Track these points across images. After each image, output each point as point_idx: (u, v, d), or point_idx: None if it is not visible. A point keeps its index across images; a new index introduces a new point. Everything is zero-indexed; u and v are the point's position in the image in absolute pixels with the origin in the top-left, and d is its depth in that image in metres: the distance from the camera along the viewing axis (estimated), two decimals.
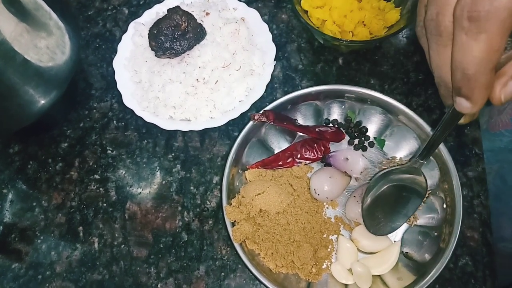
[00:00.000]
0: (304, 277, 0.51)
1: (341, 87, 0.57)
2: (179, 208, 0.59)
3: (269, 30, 0.64)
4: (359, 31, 0.62)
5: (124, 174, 0.61)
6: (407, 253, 0.53)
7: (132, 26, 0.66)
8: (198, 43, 0.61)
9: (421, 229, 0.54)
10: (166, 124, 0.59)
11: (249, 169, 0.57)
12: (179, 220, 0.58)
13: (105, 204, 0.60)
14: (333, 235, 0.54)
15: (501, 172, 0.67)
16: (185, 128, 0.59)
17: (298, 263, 0.50)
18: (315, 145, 0.58)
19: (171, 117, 0.61)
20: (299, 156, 0.57)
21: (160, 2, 0.68)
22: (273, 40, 0.64)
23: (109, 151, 0.63)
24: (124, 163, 0.62)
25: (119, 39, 0.66)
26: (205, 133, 0.63)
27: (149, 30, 0.61)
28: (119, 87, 0.62)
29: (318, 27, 0.63)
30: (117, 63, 0.64)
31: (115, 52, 0.65)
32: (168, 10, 0.61)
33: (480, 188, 0.57)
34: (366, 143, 0.59)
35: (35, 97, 0.52)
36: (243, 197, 0.53)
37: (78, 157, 0.63)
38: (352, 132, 0.59)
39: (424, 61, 0.38)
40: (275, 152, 0.59)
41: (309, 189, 0.55)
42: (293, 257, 0.51)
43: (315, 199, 0.55)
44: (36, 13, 0.51)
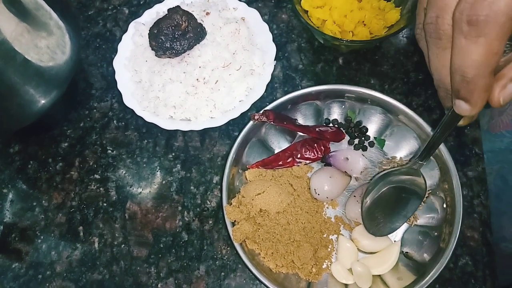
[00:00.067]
0: (304, 277, 0.51)
1: (341, 87, 0.57)
2: (179, 208, 0.59)
3: (269, 30, 0.64)
4: (359, 31, 0.62)
5: (124, 174, 0.62)
6: (407, 253, 0.53)
7: (132, 26, 0.66)
8: (198, 43, 0.62)
9: (421, 229, 0.54)
10: (166, 124, 0.59)
11: (249, 169, 0.57)
12: (179, 220, 0.58)
13: (105, 204, 0.60)
14: (333, 235, 0.54)
15: (502, 173, 0.67)
16: (185, 128, 0.59)
17: (298, 263, 0.50)
18: (315, 145, 0.58)
19: (171, 117, 0.61)
20: (299, 156, 0.57)
21: (161, 2, 0.68)
22: (273, 40, 0.64)
23: (109, 151, 0.63)
24: (124, 162, 0.62)
25: (120, 39, 0.66)
26: (205, 133, 0.63)
27: (149, 30, 0.61)
28: (120, 87, 0.62)
29: (318, 27, 0.63)
30: (117, 63, 0.64)
31: (116, 52, 0.65)
32: (169, 10, 0.61)
33: (480, 188, 0.57)
34: (366, 143, 0.59)
35: (35, 97, 0.52)
36: (243, 196, 0.53)
37: (78, 157, 0.63)
38: (352, 132, 0.59)
39: (424, 61, 0.38)
40: (275, 152, 0.59)
41: (309, 189, 0.55)
42: (293, 257, 0.51)
43: (315, 199, 0.55)
44: (37, 13, 0.51)
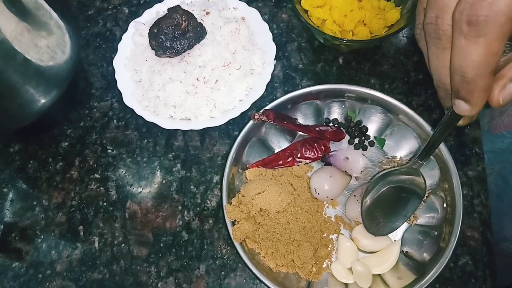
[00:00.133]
0: (304, 276, 0.51)
1: (341, 86, 0.57)
2: (180, 207, 0.59)
3: (269, 30, 0.64)
4: (359, 30, 0.62)
5: (125, 173, 0.62)
6: (407, 252, 0.53)
7: (132, 26, 0.66)
8: (199, 42, 0.62)
9: (421, 228, 0.54)
10: (167, 123, 0.59)
11: (249, 168, 0.57)
12: (179, 219, 0.58)
13: (105, 203, 0.60)
14: (333, 234, 0.54)
15: (502, 173, 0.67)
16: (186, 127, 0.59)
17: (298, 262, 0.50)
18: (315, 144, 0.58)
19: (171, 116, 0.61)
20: (299, 156, 0.57)
21: (161, 1, 0.68)
22: (273, 39, 0.64)
23: (109, 150, 0.63)
24: (124, 162, 0.62)
25: (120, 38, 0.66)
26: (205, 132, 0.63)
27: (149, 29, 0.61)
28: (120, 86, 0.62)
29: (318, 27, 0.63)
30: (117, 62, 0.64)
31: (116, 51, 0.65)
32: (169, 9, 0.61)
33: (480, 188, 0.57)
34: (366, 143, 0.59)
35: (35, 96, 0.52)
36: (243, 196, 0.53)
37: (78, 156, 0.63)
38: (352, 131, 0.59)
39: (424, 60, 0.38)
40: (275, 152, 0.59)
41: (309, 188, 0.55)
42: (293, 256, 0.51)
43: (315, 198, 0.55)
44: (37, 13, 0.51)
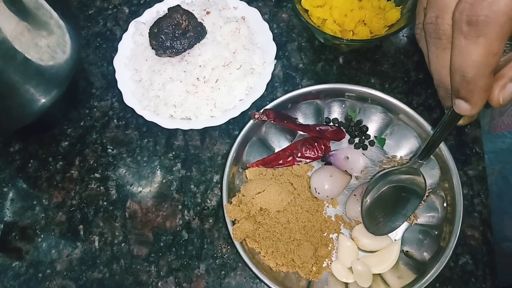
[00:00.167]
0: (304, 276, 0.51)
1: (342, 86, 0.57)
2: (180, 207, 0.59)
3: (270, 29, 0.65)
4: (359, 30, 0.62)
5: (125, 172, 0.62)
6: (408, 251, 0.53)
7: (132, 25, 0.66)
8: (199, 42, 0.62)
9: (422, 227, 0.54)
10: (167, 123, 0.59)
11: (250, 167, 0.57)
12: (179, 219, 0.58)
13: (105, 203, 0.60)
14: (333, 234, 0.54)
15: (503, 173, 0.67)
16: (186, 126, 0.59)
17: (298, 261, 0.50)
18: (315, 144, 0.58)
19: (172, 115, 0.61)
20: (299, 155, 0.57)
21: (161, 1, 0.68)
22: (274, 39, 0.64)
23: (109, 150, 0.63)
24: (124, 161, 0.62)
25: (120, 38, 0.66)
26: (205, 131, 0.63)
27: (149, 29, 0.61)
28: (120, 86, 0.62)
29: (319, 26, 0.63)
30: (117, 62, 0.64)
31: (116, 51, 0.65)
32: (169, 9, 0.61)
33: (481, 187, 0.57)
34: (366, 142, 0.59)
35: (35, 96, 0.53)
36: (243, 195, 0.53)
37: (78, 156, 0.63)
38: (353, 131, 0.59)
39: (424, 60, 0.38)
40: (276, 151, 0.59)
41: (310, 187, 0.55)
42: (294, 255, 0.51)
43: (316, 197, 0.55)
44: (37, 12, 0.51)
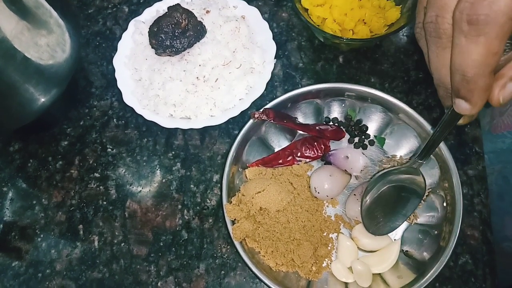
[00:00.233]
0: (304, 275, 0.51)
1: (342, 85, 0.57)
2: (179, 206, 0.59)
3: (270, 28, 0.64)
4: (359, 29, 0.61)
5: (124, 172, 0.62)
6: (407, 251, 0.53)
7: (132, 24, 0.66)
8: (198, 41, 0.61)
9: (421, 227, 0.54)
10: (166, 122, 0.59)
11: (249, 167, 0.57)
12: (179, 218, 0.58)
13: (105, 202, 0.60)
14: (333, 233, 0.54)
15: (504, 173, 0.67)
16: (185, 126, 0.59)
17: (298, 261, 0.50)
18: (315, 143, 0.58)
19: (171, 115, 0.61)
20: (299, 155, 0.57)
21: (161, 0, 0.68)
22: (274, 38, 0.64)
23: (109, 149, 0.63)
24: (124, 161, 0.62)
25: (119, 37, 0.66)
26: (205, 131, 0.63)
27: (149, 28, 0.61)
28: (119, 85, 0.62)
29: (319, 25, 0.62)
30: (117, 61, 0.64)
31: (115, 50, 0.65)
32: (169, 8, 0.61)
33: (480, 187, 0.57)
34: (366, 142, 0.59)
35: (35, 95, 0.52)
36: (243, 195, 0.53)
37: (78, 155, 0.63)
38: (352, 130, 0.59)
39: (424, 59, 0.38)
40: (275, 151, 0.59)
41: (309, 187, 0.55)
42: (293, 255, 0.51)
43: (315, 197, 0.55)
44: (37, 11, 0.51)
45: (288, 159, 0.57)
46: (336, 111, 0.60)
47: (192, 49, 0.61)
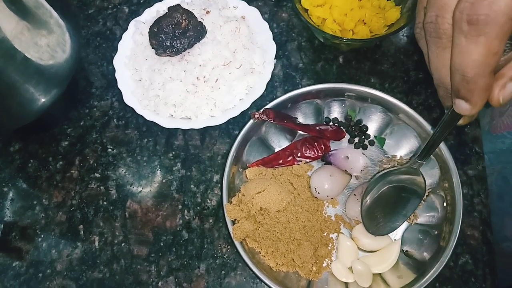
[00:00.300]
0: (304, 275, 0.51)
1: (342, 85, 0.57)
2: (180, 207, 0.59)
3: (270, 29, 0.64)
4: (359, 29, 0.62)
5: (125, 172, 0.62)
6: (408, 251, 0.53)
7: (132, 25, 0.66)
8: (199, 41, 0.62)
9: (421, 227, 0.54)
10: (167, 123, 0.59)
11: (250, 167, 0.57)
12: (179, 219, 0.58)
13: (105, 203, 0.60)
14: (333, 234, 0.54)
15: (503, 173, 0.67)
16: (186, 126, 0.59)
17: (298, 261, 0.50)
18: (315, 143, 0.58)
19: (172, 115, 0.61)
20: (299, 155, 0.57)
21: (161, 0, 0.68)
22: (274, 38, 0.64)
23: (109, 150, 0.63)
24: (124, 161, 0.62)
25: (120, 37, 0.66)
26: (205, 131, 0.63)
27: (149, 28, 0.61)
28: (120, 85, 0.62)
29: (319, 26, 0.63)
30: (117, 61, 0.64)
31: (116, 50, 0.65)
32: (169, 8, 0.61)
33: (480, 187, 0.57)
34: (366, 142, 0.59)
35: (35, 95, 0.52)
36: (243, 195, 0.53)
37: (78, 156, 0.63)
38: (353, 130, 0.59)
39: (424, 59, 0.38)
40: (276, 151, 0.59)
41: (310, 187, 0.55)
42: (294, 255, 0.51)
43: (316, 197, 0.55)
44: (37, 11, 0.51)
45: (288, 159, 0.57)
46: (336, 111, 0.60)
47: (192, 50, 0.61)
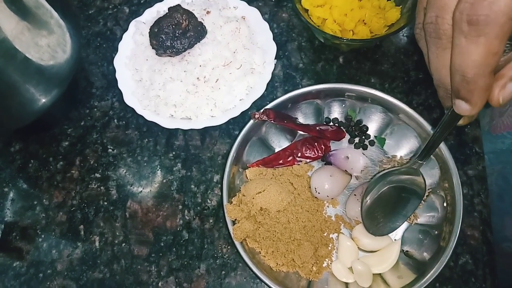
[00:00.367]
0: (304, 276, 0.51)
1: (342, 85, 0.57)
2: (180, 207, 0.59)
3: (270, 29, 0.64)
4: (359, 29, 0.62)
5: (125, 172, 0.62)
6: (408, 251, 0.53)
7: (133, 25, 0.66)
8: (199, 42, 0.62)
9: (422, 227, 0.54)
10: (167, 123, 0.59)
11: (250, 167, 0.57)
12: (179, 219, 0.58)
13: (106, 203, 0.60)
14: (333, 234, 0.54)
15: (504, 173, 0.67)
16: (186, 126, 0.59)
17: (298, 261, 0.50)
18: (315, 143, 0.58)
19: (172, 115, 0.61)
20: (299, 155, 0.57)
21: (161, 0, 0.68)
22: (274, 38, 0.64)
23: (110, 150, 0.63)
24: (125, 161, 0.62)
25: (120, 37, 0.66)
26: (205, 131, 0.63)
27: (150, 29, 0.61)
28: (120, 85, 0.62)
29: (319, 26, 0.63)
30: (118, 61, 0.64)
31: (116, 50, 0.65)
32: (169, 8, 0.61)
33: (481, 187, 0.57)
34: (366, 142, 0.59)
35: (36, 95, 0.53)
36: (243, 195, 0.53)
37: (79, 156, 0.63)
38: (353, 130, 0.59)
39: (424, 59, 0.38)
40: (276, 151, 0.59)
41: (310, 187, 0.55)
42: (294, 255, 0.51)
43: (316, 197, 0.55)
44: (37, 12, 0.51)
45: (289, 159, 0.57)
46: (336, 112, 0.60)
47: (192, 50, 0.61)
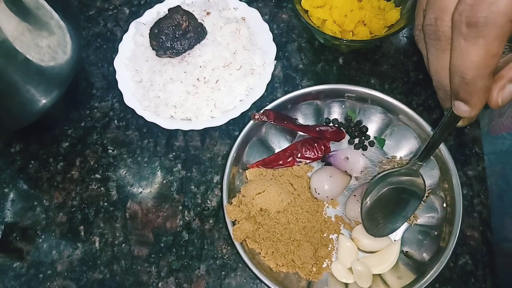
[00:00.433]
0: (304, 276, 0.51)
1: (342, 86, 0.57)
2: (180, 207, 0.59)
3: (270, 30, 0.65)
4: (359, 30, 0.62)
5: (125, 173, 0.62)
6: (407, 252, 0.53)
7: (133, 26, 0.66)
8: (199, 43, 0.62)
9: (421, 228, 0.54)
10: (167, 124, 0.59)
11: (250, 168, 0.57)
12: (179, 219, 0.58)
13: (106, 204, 0.60)
14: (333, 234, 0.54)
15: (503, 174, 0.67)
16: (186, 127, 0.59)
17: (298, 262, 0.50)
18: (315, 144, 0.58)
19: (172, 116, 0.61)
20: (299, 156, 0.57)
21: (161, 1, 0.68)
22: (274, 39, 0.64)
23: (110, 151, 0.63)
24: (125, 162, 0.62)
25: (120, 38, 0.66)
26: (205, 132, 0.63)
27: (150, 30, 0.62)
28: (120, 86, 0.62)
29: (319, 27, 0.63)
30: (118, 62, 0.64)
31: (116, 51, 0.65)
32: (169, 9, 0.61)
33: (480, 187, 0.57)
34: (366, 143, 0.59)
35: (36, 96, 0.53)
36: (243, 196, 0.53)
37: (79, 157, 0.63)
38: (353, 131, 0.59)
39: (423, 60, 0.38)
40: (276, 152, 0.59)
41: (310, 188, 0.55)
42: (294, 256, 0.51)
43: (316, 198, 0.55)
44: (38, 13, 0.52)
45: (289, 160, 0.57)
46: (336, 112, 0.60)
47: (192, 51, 0.61)
